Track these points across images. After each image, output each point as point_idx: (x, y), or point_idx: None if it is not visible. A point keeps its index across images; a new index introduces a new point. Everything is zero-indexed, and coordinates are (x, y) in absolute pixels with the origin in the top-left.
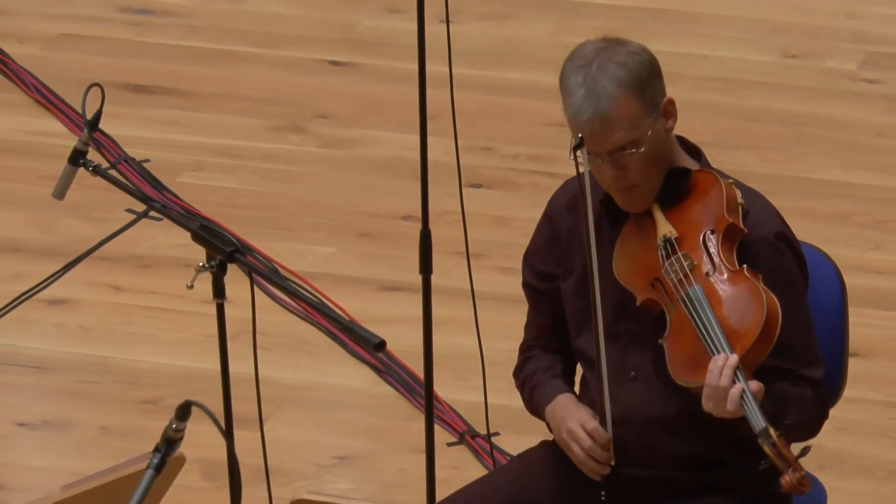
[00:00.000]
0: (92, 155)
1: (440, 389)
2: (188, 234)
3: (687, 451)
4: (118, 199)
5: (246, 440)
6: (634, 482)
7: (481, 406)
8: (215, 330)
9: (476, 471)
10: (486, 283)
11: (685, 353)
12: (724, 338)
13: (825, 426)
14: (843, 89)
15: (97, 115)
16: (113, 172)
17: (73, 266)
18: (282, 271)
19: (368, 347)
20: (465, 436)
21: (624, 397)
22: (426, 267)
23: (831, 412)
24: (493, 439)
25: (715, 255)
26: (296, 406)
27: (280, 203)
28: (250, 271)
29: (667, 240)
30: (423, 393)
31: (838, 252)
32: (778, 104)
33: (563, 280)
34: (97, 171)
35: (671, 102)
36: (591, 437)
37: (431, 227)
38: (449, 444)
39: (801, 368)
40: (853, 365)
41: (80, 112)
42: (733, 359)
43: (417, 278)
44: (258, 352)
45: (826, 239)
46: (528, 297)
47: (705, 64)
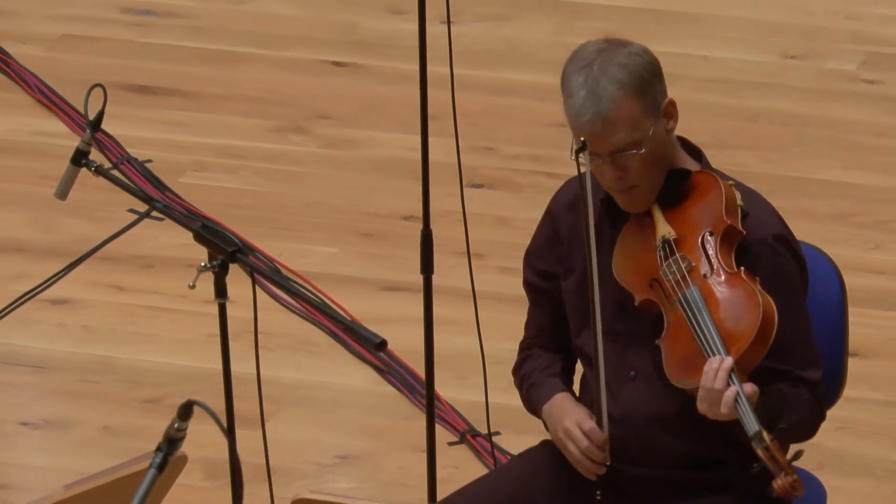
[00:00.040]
0: (94, 155)
1: (441, 389)
2: (190, 235)
3: (687, 451)
4: (120, 200)
5: (248, 439)
6: (634, 481)
7: (482, 405)
8: (217, 330)
9: (477, 470)
10: (487, 283)
11: (681, 354)
12: (719, 340)
13: (825, 426)
14: (843, 90)
15: (100, 116)
16: (115, 173)
17: (76, 266)
18: (283, 271)
19: (370, 347)
20: (466, 435)
21: (624, 397)
22: (427, 267)
23: (831, 412)
24: (494, 439)
25: (713, 257)
26: (297, 405)
27: (282, 203)
28: (252, 271)
29: (665, 241)
30: (424, 392)
31: (838, 252)
32: (778, 105)
33: (564, 279)
34: (99, 171)
35: (672, 103)
36: (588, 437)
37: (433, 227)
38: (450, 444)
39: (799, 370)
40: (853, 365)
41: (83, 112)
42: (728, 361)
43: (419, 278)
44: (260, 351)
45: (826, 239)
46: (529, 295)
47: (705, 65)
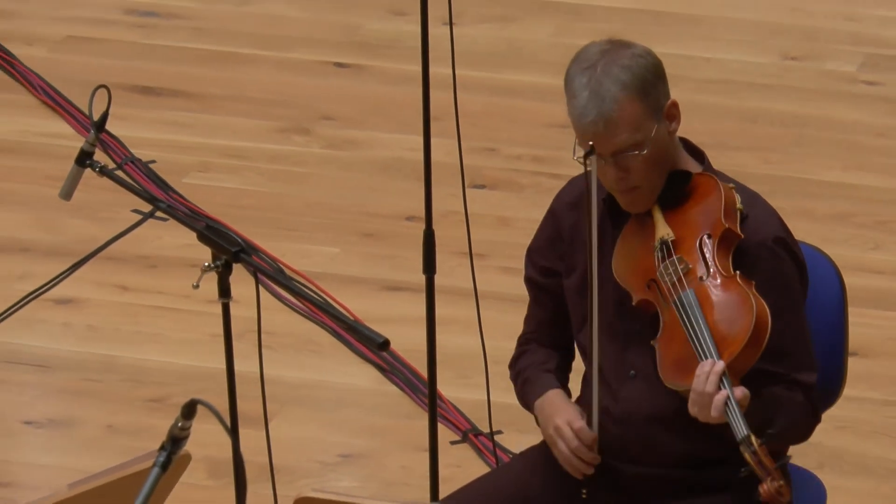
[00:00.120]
0: (98, 156)
1: (443, 388)
2: (194, 235)
3: (687, 450)
4: (124, 200)
5: (251, 438)
6: (634, 481)
7: (484, 404)
8: (221, 329)
9: (479, 469)
10: (489, 282)
11: (675, 356)
12: (712, 343)
13: (825, 425)
14: (843, 91)
15: (104, 117)
16: (119, 173)
17: (80, 266)
18: (287, 271)
19: (372, 347)
20: (469, 434)
21: (624, 396)
22: (429, 267)
23: (831, 411)
24: (496, 437)
25: (710, 260)
26: (300, 405)
27: (285, 204)
28: (255, 271)
29: (664, 242)
30: (426, 392)
31: (838, 252)
32: (778, 106)
33: (566, 277)
34: (104, 171)
35: (675, 105)
36: (578, 436)
37: (435, 227)
38: (452, 443)
39: (794, 373)
40: (853, 364)
41: (87, 113)
42: (719, 365)
43: (421, 278)
44: (263, 351)
45: (826, 239)
46: (530, 291)
47: (706, 66)
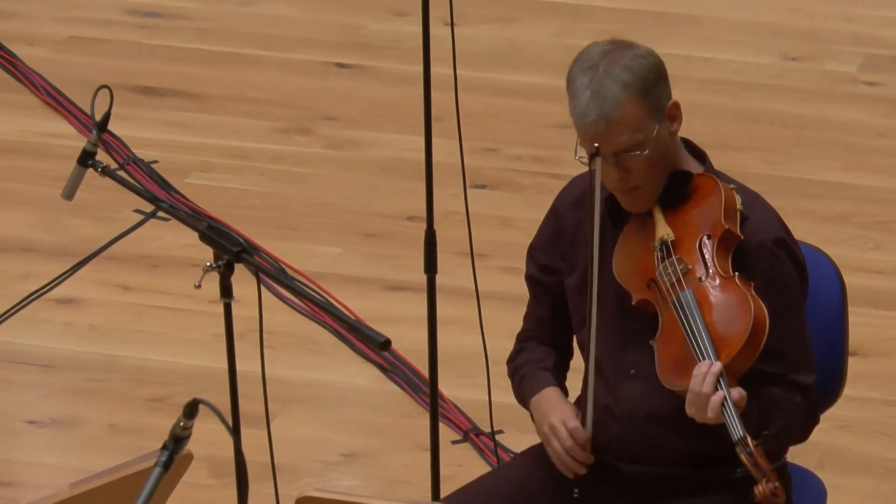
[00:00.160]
0: (101, 156)
1: (445, 388)
2: (196, 235)
3: (688, 449)
4: (126, 200)
5: (253, 438)
6: (635, 479)
7: (485, 404)
8: (223, 329)
9: (480, 468)
10: (491, 282)
11: (673, 356)
12: (710, 344)
13: (825, 424)
14: (843, 91)
15: (106, 117)
16: (121, 173)
17: (82, 266)
18: (288, 271)
19: (374, 346)
20: (470, 433)
21: (624, 395)
22: (431, 267)
23: (831, 410)
24: (497, 437)
25: (709, 261)
26: (302, 404)
27: (287, 204)
28: (257, 271)
29: (663, 242)
30: (427, 391)
31: (838, 252)
32: (778, 106)
33: (567, 276)
34: (106, 171)
35: (676, 106)
36: (572, 435)
37: (436, 227)
38: (453, 442)
39: (792, 374)
40: (853, 364)
41: (90, 114)
42: (717, 366)
43: (422, 278)
44: (265, 350)
45: (826, 239)
46: (530, 288)
47: (706, 66)
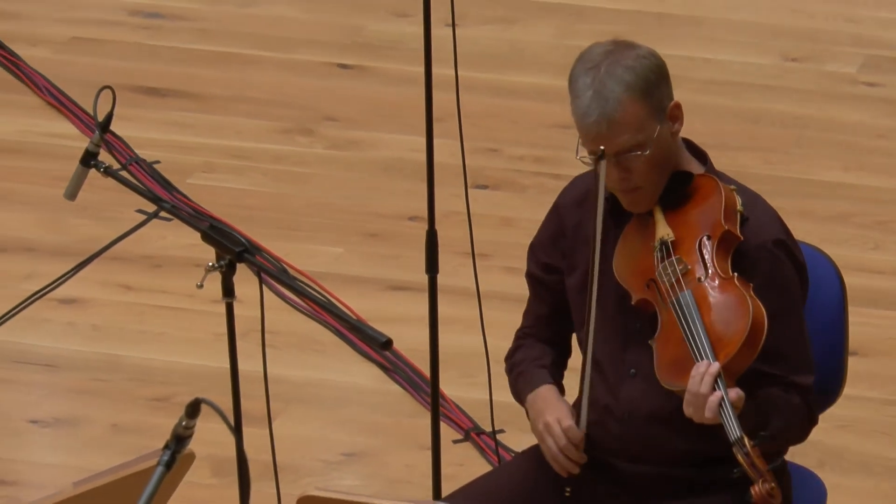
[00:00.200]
0: (103, 156)
1: (446, 387)
2: (198, 235)
3: (688, 448)
4: (129, 200)
5: (255, 437)
6: (635, 479)
7: (486, 403)
8: (224, 329)
9: (481, 467)
10: (492, 282)
11: (671, 356)
12: (708, 344)
13: (825, 424)
14: (843, 92)
15: (108, 117)
16: (124, 173)
17: (85, 266)
18: (290, 271)
19: (375, 346)
20: (471, 433)
21: (624, 394)
22: (432, 267)
23: (831, 410)
24: (499, 436)
25: (708, 262)
26: (304, 403)
27: (288, 204)
28: (259, 271)
29: (663, 242)
30: (429, 391)
31: (838, 252)
32: (779, 107)
33: (568, 276)
34: (108, 172)
35: (678, 106)
36: (566, 434)
37: (437, 227)
38: (455, 441)
39: (791, 375)
40: (853, 363)
41: (92, 114)
42: (714, 367)
43: (424, 278)
44: (267, 350)
45: (826, 239)
46: (530, 286)
47: (707, 67)
